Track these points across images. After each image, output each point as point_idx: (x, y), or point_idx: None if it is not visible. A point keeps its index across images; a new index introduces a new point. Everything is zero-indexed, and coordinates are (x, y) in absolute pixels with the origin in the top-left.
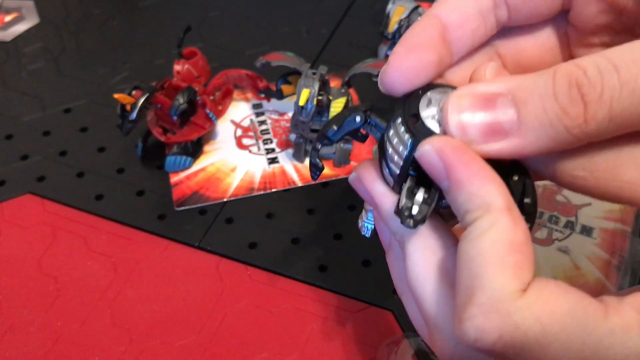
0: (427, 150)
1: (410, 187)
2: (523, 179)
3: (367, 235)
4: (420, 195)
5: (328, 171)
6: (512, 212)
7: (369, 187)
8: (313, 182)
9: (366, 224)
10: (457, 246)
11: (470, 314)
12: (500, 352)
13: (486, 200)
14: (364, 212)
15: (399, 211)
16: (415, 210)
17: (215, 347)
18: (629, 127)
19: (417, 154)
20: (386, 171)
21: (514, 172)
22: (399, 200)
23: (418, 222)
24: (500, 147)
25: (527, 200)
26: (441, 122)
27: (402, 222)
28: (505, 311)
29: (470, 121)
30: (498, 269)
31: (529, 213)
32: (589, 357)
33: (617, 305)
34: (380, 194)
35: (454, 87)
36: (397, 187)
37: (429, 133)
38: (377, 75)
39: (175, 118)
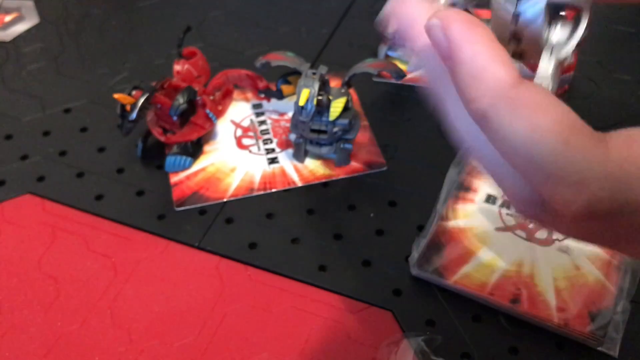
0: (433, 25)
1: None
2: None
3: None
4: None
5: (328, 171)
6: (527, 84)
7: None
8: (313, 182)
9: None
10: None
11: (572, 197)
12: (618, 213)
13: (493, 82)
14: None
15: None
16: None
17: (215, 347)
18: None
19: (426, 27)
20: None
21: None
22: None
23: None
24: None
25: None
26: None
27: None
28: (605, 174)
29: None
30: (563, 145)
31: None
32: None
33: None
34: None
35: None
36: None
37: None
38: (377, 75)
39: (175, 118)
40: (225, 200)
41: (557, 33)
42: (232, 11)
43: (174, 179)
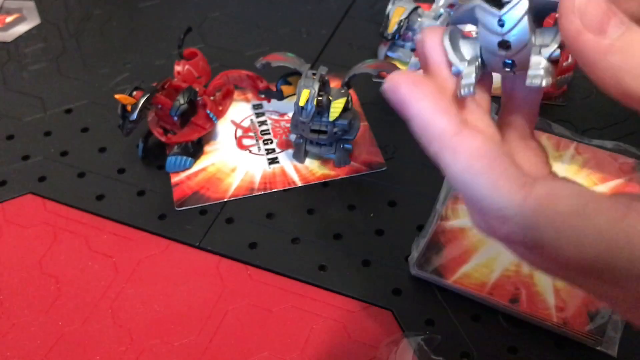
0: (386, 89)
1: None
2: None
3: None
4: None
5: (328, 171)
6: (466, 132)
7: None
8: (313, 182)
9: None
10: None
11: (496, 227)
12: (530, 249)
13: (437, 131)
14: None
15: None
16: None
17: (215, 347)
18: None
19: (382, 91)
20: None
21: None
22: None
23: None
24: (592, 42)
25: None
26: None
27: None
28: (520, 216)
29: (591, 9)
30: (491, 187)
31: None
32: (602, 257)
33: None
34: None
35: None
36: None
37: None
38: (377, 76)
39: (175, 118)
40: (225, 200)
41: (542, 36)
42: (232, 12)
43: (174, 179)
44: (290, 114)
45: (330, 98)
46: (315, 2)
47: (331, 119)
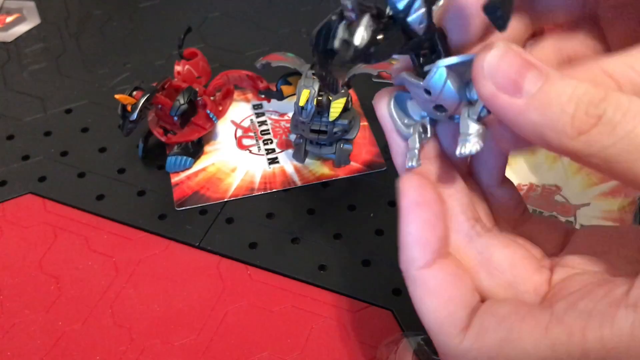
0: (398, 189)
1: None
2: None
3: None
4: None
5: (328, 171)
6: (431, 269)
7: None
8: (313, 182)
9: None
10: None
11: (441, 352)
12: None
13: (409, 257)
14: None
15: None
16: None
17: (215, 347)
18: (619, 175)
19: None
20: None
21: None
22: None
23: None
24: (508, 104)
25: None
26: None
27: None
28: (460, 355)
29: (504, 69)
30: (437, 326)
31: None
32: None
33: (562, 314)
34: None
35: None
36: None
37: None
38: (377, 76)
39: (175, 118)
40: (225, 200)
41: (469, 93)
42: (232, 12)
43: (174, 179)
44: (290, 114)
45: (330, 98)
46: (315, 2)
47: (331, 119)
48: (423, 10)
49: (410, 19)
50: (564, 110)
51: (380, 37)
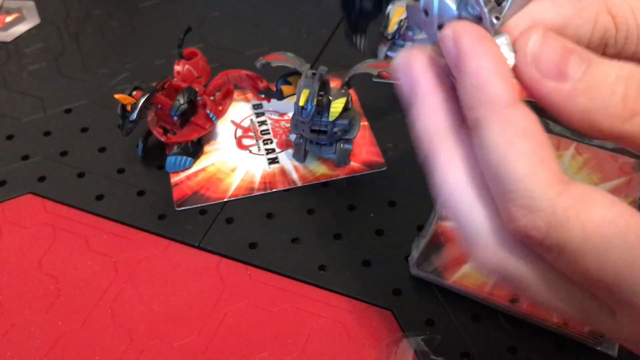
0: (446, 36)
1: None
2: None
3: None
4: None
5: (328, 171)
6: (520, 107)
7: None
8: (313, 182)
9: None
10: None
11: (516, 216)
12: (548, 248)
13: (490, 96)
14: None
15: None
16: None
17: (215, 347)
18: None
19: (440, 37)
20: None
21: None
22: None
23: None
24: (554, 90)
25: None
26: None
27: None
28: (549, 210)
29: (547, 55)
30: (528, 171)
31: None
32: (625, 273)
33: None
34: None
35: None
36: None
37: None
38: (377, 76)
39: (175, 118)
40: (225, 200)
41: (470, 7)
42: (232, 12)
43: (174, 179)
44: (290, 114)
45: (330, 98)
46: (315, 2)
47: (331, 119)
48: None
49: None
50: (613, 91)
51: None
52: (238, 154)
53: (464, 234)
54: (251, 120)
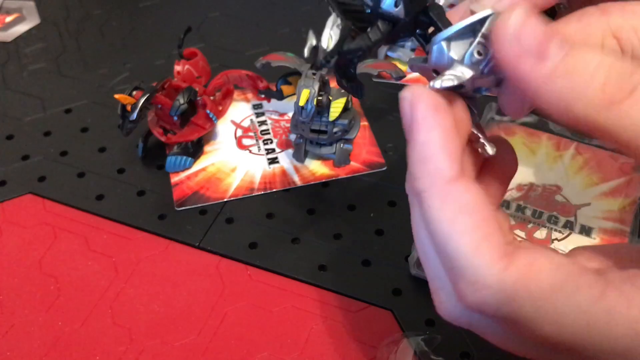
0: (404, 99)
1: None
2: None
3: None
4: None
5: (328, 171)
6: (462, 182)
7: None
8: (313, 182)
9: None
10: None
11: (466, 292)
12: (502, 320)
13: (434, 170)
14: None
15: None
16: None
17: (215, 347)
18: None
19: (399, 97)
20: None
21: None
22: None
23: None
24: (533, 69)
25: None
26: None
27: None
28: (497, 287)
29: (529, 32)
30: (472, 249)
31: None
32: (582, 334)
33: (620, 284)
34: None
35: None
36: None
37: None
38: (377, 76)
39: (175, 118)
40: (225, 200)
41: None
42: (232, 12)
43: (174, 179)
44: (290, 114)
45: (330, 98)
46: (315, 2)
47: (331, 119)
48: None
49: (384, 6)
50: (593, 77)
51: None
52: (238, 154)
53: (430, 286)
54: (251, 120)
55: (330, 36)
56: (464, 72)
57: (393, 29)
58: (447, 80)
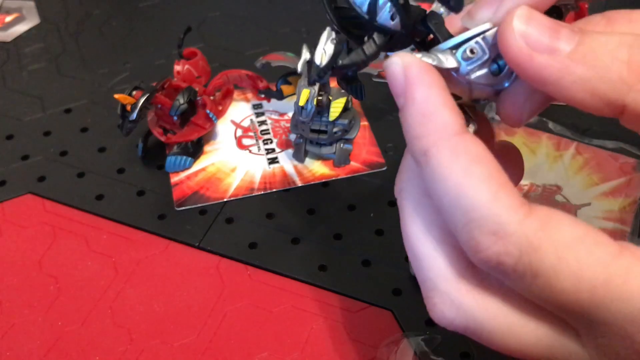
0: (394, 63)
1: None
2: None
3: None
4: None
5: (328, 171)
6: (468, 135)
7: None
8: (313, 182)
9: None
10: None
11: (485, 244)
12: (521, 274)
13: (440, 124)
14: None
15: None
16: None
17: (215, 347)
18: None
19: (385, 64)
20: None
21: None
22: None
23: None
24: (547, 62)
25: None
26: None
27: None
28: (520, 233)
29: (535, 30)
30: (490, 197)
31: None
32: (599, 292)
33: (633, 247)
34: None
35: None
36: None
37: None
38: (377, 75)
39: (175, 118)
40: (225, 200)
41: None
42: (232, 12)
43: (174, 179)
44: (290, 114)
45: (330, 98)
46: (315, 2)
47: (331, 118)
48: (388, 5)
49: (380, 20)
50: (615, 56)
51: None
52: (238, 154)
53: (422, 290)
54: (251, 120)
55: (324, 51)
56: (448, 60)
57: (389, 41)
58: (427, 57)
